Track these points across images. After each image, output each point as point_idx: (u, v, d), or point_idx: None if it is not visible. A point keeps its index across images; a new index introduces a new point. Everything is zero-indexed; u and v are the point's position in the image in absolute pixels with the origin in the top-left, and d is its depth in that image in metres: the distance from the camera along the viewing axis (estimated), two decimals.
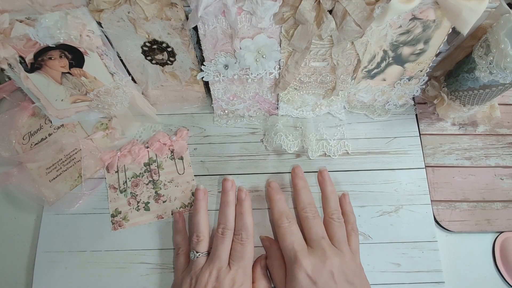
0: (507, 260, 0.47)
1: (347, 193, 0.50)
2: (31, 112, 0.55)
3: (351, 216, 0.48)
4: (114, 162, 0.52)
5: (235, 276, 0.42)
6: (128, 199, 0.51)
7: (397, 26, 0.41)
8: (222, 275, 0.42)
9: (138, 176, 0.52)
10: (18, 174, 0.51)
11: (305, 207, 0.46)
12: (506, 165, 0.53)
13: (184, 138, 0.54)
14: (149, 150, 0.53)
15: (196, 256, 0.44)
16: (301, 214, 0.46)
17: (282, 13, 0.38)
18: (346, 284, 0.40)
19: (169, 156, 0.53)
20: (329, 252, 0.41)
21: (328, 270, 0.40)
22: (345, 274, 0.41)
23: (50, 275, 0.47)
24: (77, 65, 0.45)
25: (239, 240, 0.44)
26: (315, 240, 0.43)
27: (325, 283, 0.39)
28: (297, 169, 0.50)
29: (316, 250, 0.42)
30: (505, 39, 0.39)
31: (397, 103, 0.54)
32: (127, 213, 0.50)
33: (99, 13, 0.38)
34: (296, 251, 0.42)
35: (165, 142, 0.53)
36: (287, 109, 0.54)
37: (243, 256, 0.43)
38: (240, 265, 0.43)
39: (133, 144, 0.53)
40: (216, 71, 0.46)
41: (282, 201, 0.47)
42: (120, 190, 0.51)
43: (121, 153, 0.52)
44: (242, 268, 0.43)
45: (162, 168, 0.52)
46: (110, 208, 0.50)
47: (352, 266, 0.42)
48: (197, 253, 0.44)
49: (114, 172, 0.52)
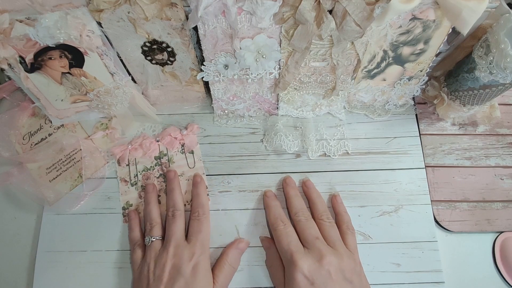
0: (507, 260, 0.47)
1: (338, 193, 0.50)
2: (31, 112, 0.55)
3: (345, 215, 0.48)
4: (125, 155, 0.52)
5: (193, 248, 0.43)
6: (139, 192, 0.51)
7: (397, 26, 0.41)
8: (179, 250, 0.43)
9: (149, 169, 0.52)
10: (18, 174, 0.51)
11: (297, 211, 0.47)
12: (506, 165, 0.53)
13: (195, 132, 0.54)
14: (159, 144, 0.53)
15: (151, 240, 0.45)
16: (294, 219, 0.46)
17: (282, 13, 0.38)
18: (344, 282, 0.40)
19: (179, 150, 0.53)
20: (325, 252, 0.41)
21: (325, 269, 0.40)
22: (343, 272, 0.41)
23: (50, 275, 0.47)
24: (77, 65, 0.45)
25: (196, 217, 0.46)
26: (310, 241, 0.43)
27: (323, 283, 0.39)
28: (288, 179, 0.51)
29: (312, 251, 0.42)
30: (505, 39, 0.39)
31: (397, 103, 0.54)
32: (138, 206, 0.50)
33: (99, 13, 0.38)
34: (292, 252, 0.42)
35: (176, 136, 0.53)
36: (287, 109, 0.54)
37: (200, 230, 0.45)
38: (198, 238, 0.44)
39: (144, 137, 0.53)
40: (216, 71, 0.46)
41: (277, 207, 0.48)
42: (131, 183, 0.52)
43: (132, 146, 0.53)
44: (200, 241, 0.44)
45: (173, 162, 0.53)
46: (121, 200, 0.51)
47: (350, 264, 0.42)
48: (151, 237, 0.45)
49: (125, 165, 0.52)
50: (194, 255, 0.43)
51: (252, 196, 0.51)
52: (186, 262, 0.42)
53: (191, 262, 0.42)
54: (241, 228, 0.49)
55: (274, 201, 0.49)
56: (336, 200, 0.50)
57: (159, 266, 0.42)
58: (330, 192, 0.51)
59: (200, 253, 0.43)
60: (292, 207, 0.47)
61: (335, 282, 0.40)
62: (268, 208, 0.48)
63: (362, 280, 0.42)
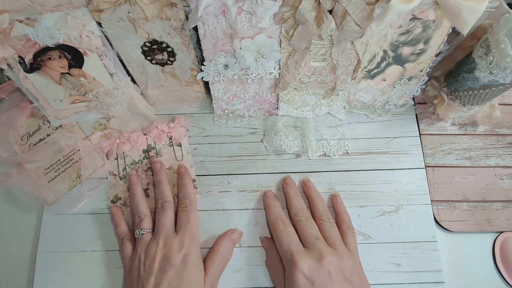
0: (507, 260, 0.47)
1: (338, 193, 0.50)
2: (30, 112, 0.55)
3: (345, 215, 0.48)
4: (113, 149, 0.52)
5: (183, 239, 0.43)
6: (128, 185, 0.51)
7: (397, 26, 0.41)
8: (169, 241, 0.43)
9: (137, 163, 0.52)
10: (17, 175, 0.51)
11: (297, 211, 0.46)
12: (506, 165, 0.53)
13: (182, 124, 0.54)
14: (147, 137, 0.53)
15: (141, 233, 0.45)
16: (295, 219, 0.46)
17: (282, 13, 0.38)
18: (344, 282, 0.40)
19: (167, 143, 0.53)
20: (325, 251, 0.41)
21: (325, 269, 0.40)
22: (343, 272, 0.41)
23: (50, 275, 0.47)
24: (76, 66, 0.45)
25: (183, 208, 0.46)
26: (310, 241, 0.43)
27: (323, 283, 0.39)
28: (288, 179, 0.51)
29: (312, 250, 0.42)
30: (505, 39, 0.39)
31: (397, 103, 0.54)
32: (126, 200, 0.50)
33: (99, 13, 0.38)
34: (292, 251, 0.42)
35: (163, 129, 0.53)
36: (287, 109, 0.54)
37: (188, 220, 0.45)
38: (187, 228, 0.44)
39: (132, 131, 0.53)
40: (216, 71, 0.46)
41: (277, 207, 0.48)
42: (120, 176, 0.52)
43: (120, 140, 0.53)
44: (189, 231, 0.44)
45: (161, 155, 0.53)
46: (110, 194, 0.51)
47: (350, 264, 0.42)
48: (141, 230, 0.45)
49: (114, 159, 0.52)
50: (184, 246, 0.43)
51: (252, 196, 0.51)
52: (176, 253, 0.42)
53: (181, 253, 0.42)
54: (241, 228, 0.49)
55: (274, 201, 0.49)
56: (336, 200, 0.50)
57: (149, 257, 0.42)
58: (330, 192, 0.51)
59: (190, 244, 0.43)
60: (292, 207, 0.47)
61: (335, 282, 0.40)
62: (268, 208, 0.48)
63: (362, 280, 0.42)
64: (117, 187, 0.51)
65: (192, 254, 0.43)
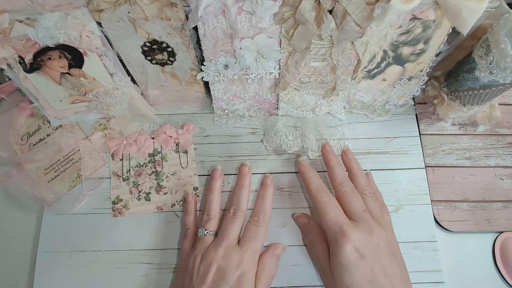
0: (507, 260, 0.47)
1: (370, 172, 0.50)
2: (30, 112, 0.55)
3: (378, 193, 0.47)
4: (120, 150, 0.53)
5: (243, 256, 0.41)
6: (130, 187, 0.51)
7: (397, 26, 0.41)
8: (229, 252, 0.41)
9: (141, 166, 0.52)
10: (17, 175, 0.51)
11: (342, 181, 0.44)
12: (506, 165, 0.53)
13: (190, 132, 0.54)
14: (154, 141, 0.53)
15: (204, 234, 0.44)
16: (339, 189, 0.43)
17: (282, 13, 0.38)
18: (391, 256, 0.39)
19: (174, 149, 0.53)
20: (374, 225, 0.40)
21: (374, 243, 0.39)
22: (389, 247, 0.40)
23: (50, 275, 0.47)
24: (76, 66, 0.45)
25: (255, 222, 0.44)
26: (357, 213, 0.41)
27: (373, 257, 0.38)
28: (327, 146, 0.48)
29: (361, 223, 0.40)
30: (505, 39, 0.39)
31: (397, 103, 0.54)
32: (128, 202, 0.50)
33: (99, 13, 0.38)
34: (341, 224, 0.40)
35: (171, 135, 0.53)
36: (287, 109, 0.54)
37: (255, 237, 0.43)
38: (251, 245, 0.42)
39: (139, 133, 0.54)
40: (216, 71, 0.46)
41: (317, 177, 0.45)
42: (123, 178, 0.52)
43: (127, 141, 0.53)
44: (252, 250, 0.42)
45: (166, 160, 0.53)
46: (111, 195, 0.51)
47: (393, 239, 0.42)
48: (205, 231, 0.44)
49: (119, 160, 0.53)
50: (243, 263, 0.41)
51: (252, 196, 0.51)
52: (233, 269, 0.40)
53: (237, 271, 0.40)
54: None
55: (311, 171, 0.46)
56: (369, 179, 0.48)
57: (205, 263, 0.41)
58: None
59: (249, 262, 0.41)
60: (336, 177, 0.45)
61: (383, 256, 0.39)
62: (307, 179, 0.46)
63: (401, 255, 0.42)
64: (119, 188, 0.51)
65: (248, 274, 0.41)
